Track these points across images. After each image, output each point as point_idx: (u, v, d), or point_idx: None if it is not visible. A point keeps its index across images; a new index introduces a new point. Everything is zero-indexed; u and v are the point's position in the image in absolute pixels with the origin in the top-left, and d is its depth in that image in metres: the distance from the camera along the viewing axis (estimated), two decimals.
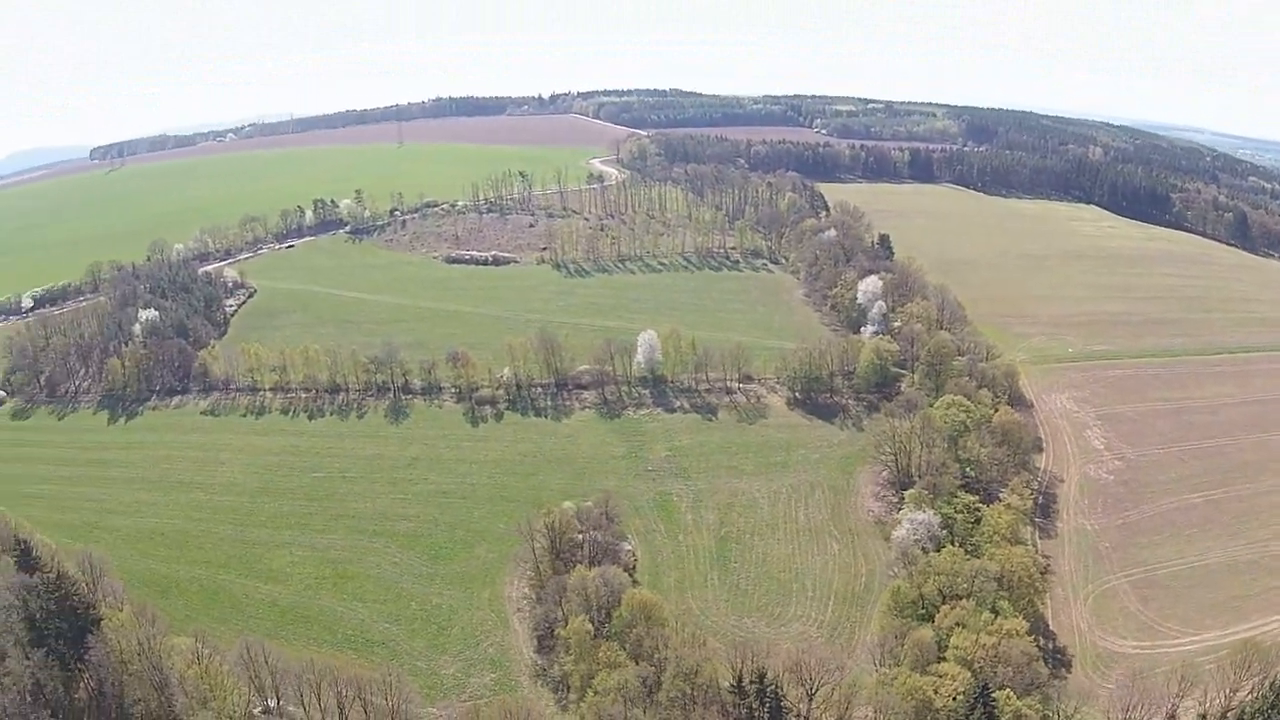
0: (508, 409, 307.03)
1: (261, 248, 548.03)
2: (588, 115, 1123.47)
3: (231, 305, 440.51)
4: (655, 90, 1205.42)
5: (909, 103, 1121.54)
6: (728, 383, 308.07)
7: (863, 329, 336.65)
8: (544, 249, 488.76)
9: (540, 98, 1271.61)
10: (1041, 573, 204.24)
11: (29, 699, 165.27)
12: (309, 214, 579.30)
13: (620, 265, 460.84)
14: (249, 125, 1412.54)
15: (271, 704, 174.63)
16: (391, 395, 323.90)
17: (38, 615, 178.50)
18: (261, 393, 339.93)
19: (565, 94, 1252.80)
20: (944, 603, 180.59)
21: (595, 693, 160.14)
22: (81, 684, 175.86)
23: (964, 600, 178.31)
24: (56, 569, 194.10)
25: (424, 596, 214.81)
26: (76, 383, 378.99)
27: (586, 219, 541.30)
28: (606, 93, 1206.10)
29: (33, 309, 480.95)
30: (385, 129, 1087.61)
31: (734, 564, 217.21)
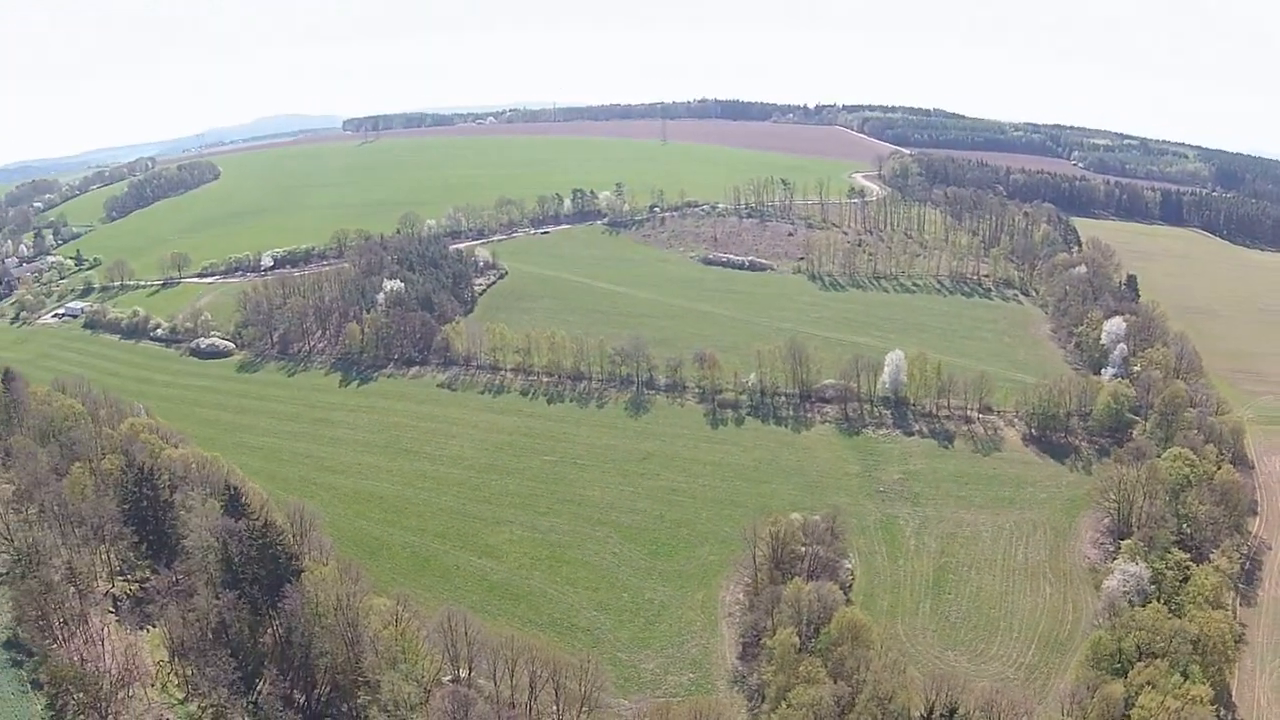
0: (749, 414, 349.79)
1: (516, 231, 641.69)
2: (851, 129, 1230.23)
3: (480, 284, 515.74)
4: (919, 109, 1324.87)
5: (1163, 141, 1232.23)
6: (967, 411, 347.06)
7: (1103, 370, 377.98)
8: (801, 259, 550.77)
9: (805, 107, 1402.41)
10: (1235, 641, 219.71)
11: (210, 636, 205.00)
12: (567, 202, 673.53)
13: (874, 282, 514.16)
14: (510, 110, 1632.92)
15: (462, 674, 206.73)
16: (634, 389, 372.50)
17: (236, 559, 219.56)
18: (502, 372, 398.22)
19: (831, 105, 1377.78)
20: (1139, 659, 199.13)
21: (789, 705, 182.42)
22: (269, 630, 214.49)
23: (1158, 660, 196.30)
24: (265, 518, 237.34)
25: (637, 589, 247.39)
26: (311, 343, 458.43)
27: (845, 233, 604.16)
28: (871, 107, 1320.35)
29: (272, 268, 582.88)
30: (649, 125, 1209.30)
31: (948, 595, 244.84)
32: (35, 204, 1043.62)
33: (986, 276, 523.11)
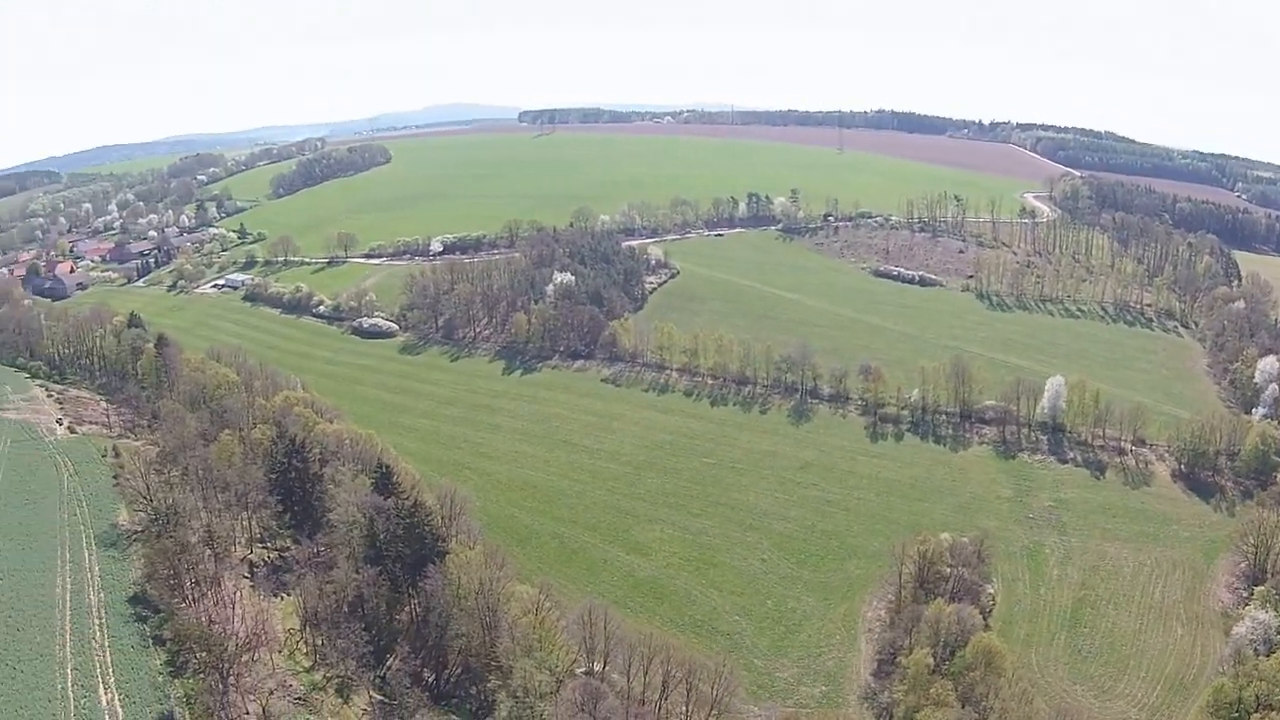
0: (909, 430, 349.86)
1: (690, 232, 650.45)
2: (1024, 147, 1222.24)
3: (651, 282, 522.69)
4: (1090, 131, 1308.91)
5: None
6: (1121, 442, 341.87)
7: (1254, 410, 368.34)
8: (970, 276, 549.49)
9: (980, 123, 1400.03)
10: None
11: (345, 609, 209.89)
12: (742, 206, 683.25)
13: (1040, 305, 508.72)
14: (688, 111, 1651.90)
15: (596, 668, 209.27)
16: (798, 397, 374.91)
17: (381, 536, 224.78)
18: (668, 371, 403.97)
19: (1005, 123, 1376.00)
20: (1256, 710, 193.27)
21: None
22: (407, 608, 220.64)
23: (1274, 713, 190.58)
24: (415, 498, 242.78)
25: (782, 597, 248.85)
26: (476, 330, 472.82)
27: (1014, 253, 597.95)
28: (1044, 127, 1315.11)
29: (441, 254, 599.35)
30: (825, 133, 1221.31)
31: (1083, 629, 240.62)
32: (199, 177, 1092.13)
33: (1149, 306, 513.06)
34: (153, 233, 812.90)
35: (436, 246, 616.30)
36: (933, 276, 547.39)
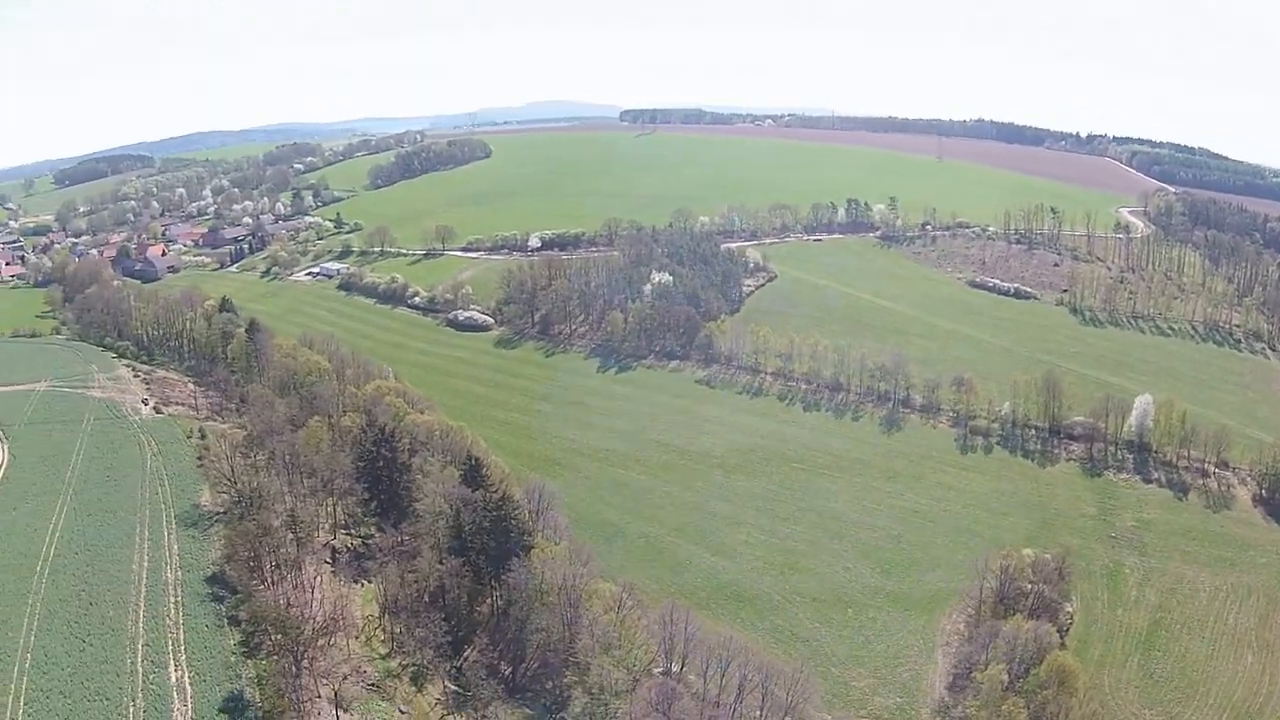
0: (998, 444, 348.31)
1: (788, 235, 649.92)
2: (1120, 161, 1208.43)
3: (749, 285, 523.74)
4: (1185, 146, 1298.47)
5: None
6: (1205, 464, 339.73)
7: None
8: (1064, 291, 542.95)
9: (1078, 135, 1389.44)
10: None
11: (426, 598, 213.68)
12: (841, 211, 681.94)
13: (1132, 322, 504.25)
14: (789, 115, 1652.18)
15: (674, 668, 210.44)
16: (890, 406, 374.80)
17: (467, 527, 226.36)
18: (762, 375, 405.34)
19: (1102, 136, 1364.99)
20: None
21: None
22: (488, 600, 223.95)
23: None
24: (503, 491, 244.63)
25: (862, 606, 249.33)
26: (572, 326, 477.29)
27: (1109, 268, 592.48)
28: (1140, 141, 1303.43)
29: (539, 249, 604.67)
30: (924, 141, 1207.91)
31: (1156, 652, 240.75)
32: (295, 165, 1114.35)
33: (1238, 326, 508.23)
34: (247, 219, 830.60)
35: (535, 242, 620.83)
36: (1027, 289, 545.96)
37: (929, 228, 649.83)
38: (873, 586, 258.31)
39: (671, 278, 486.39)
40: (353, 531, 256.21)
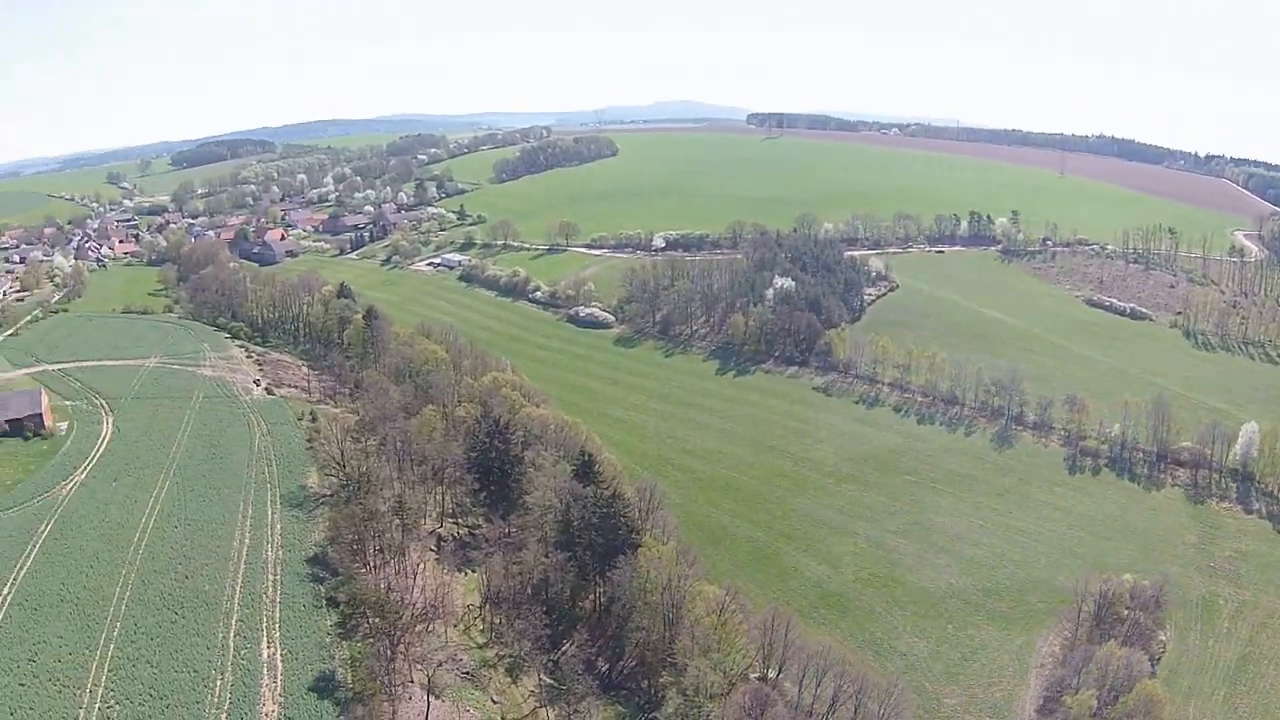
0: (1106, 466, 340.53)
1: (911, 246, 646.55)
2: (1237, 183, 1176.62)
3: (870, 294, 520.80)
4: None
5: None
6: None
7: None
8: (1178, 313, 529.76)
9: (1196, 155, 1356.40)
10: None
11: (529, 591, 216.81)
12: (964, 224, 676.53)
13: (1243, 347, 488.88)
14: (914, 124, 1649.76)
15: (770, 674, 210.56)
16: (1003, 422, 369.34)
17: (576, 523, 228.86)
18: (879, 385, 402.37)
19: (1220, 157, 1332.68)
20: None
21: None
22: (591, 596, 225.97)
23: None
24: (614, 488, 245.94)
25: (962, 623, 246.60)
26: (693, 328, 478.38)
27: (1222, 292, 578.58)
28: (1256, 163, 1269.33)
29: (663, 249, 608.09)
30: (1045, 155, 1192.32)
31: (1243, 686, 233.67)
32: (419, 156, 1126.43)
33: None
34: (369, 207, 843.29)
35: (659, 242, 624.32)
36: (1143, 310, 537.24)
37: (1049, 243, 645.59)
38: (973, 603, 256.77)
39: (794, 283, 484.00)
40: (460, 521, 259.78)
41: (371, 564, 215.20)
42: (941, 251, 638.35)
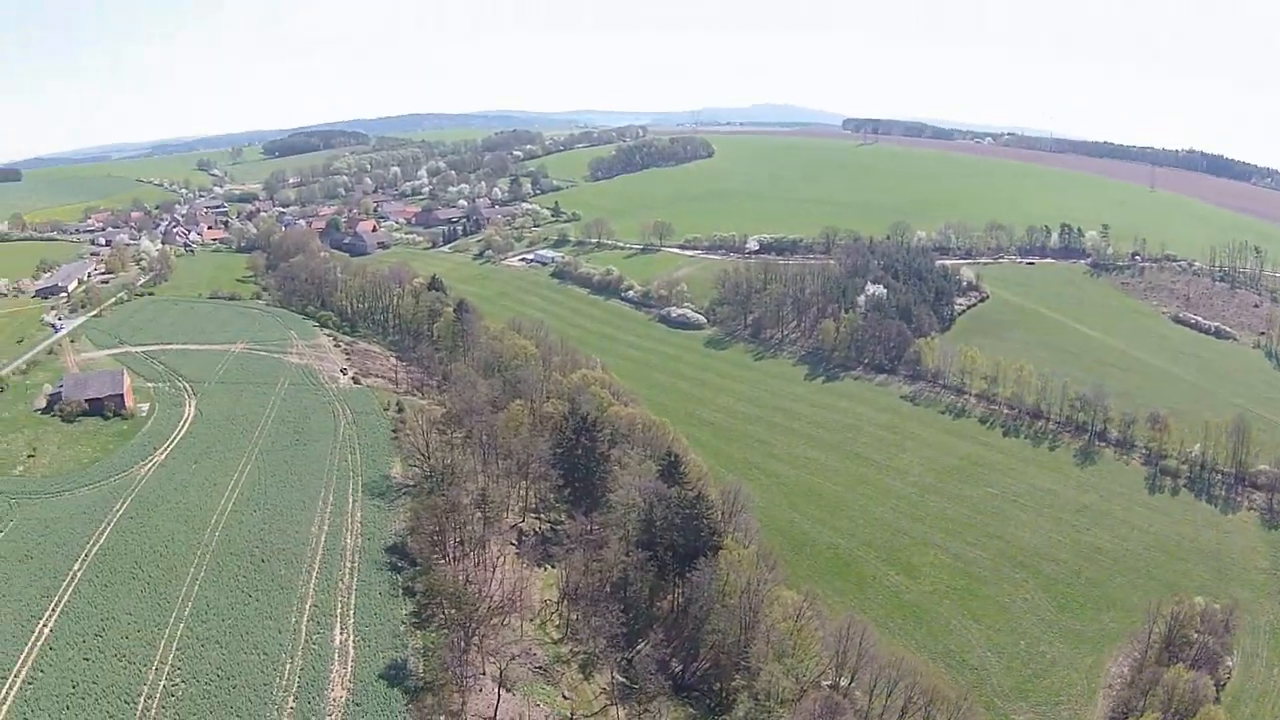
0: (1185, 486, 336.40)
1: (1002, 256, 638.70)
2: None
3: (960, 304, 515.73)
4: None
5: None
6: None
7: None
8: (1261, 333, 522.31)
9: None
10: None
11: (608, 588, 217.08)
12: (1054, 236, 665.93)
13: None
14: (1007, 134, 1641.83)
15: (842, 683, 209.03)
16: (1086, 438, 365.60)
17: (658, 522, 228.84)
18: (966, 396, 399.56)
19: None
20: None
21: None
22: (669, 596, 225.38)
23: None
24: (699, 490, 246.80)
25: (1035, 640, 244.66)
26: (784, 332, 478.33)
27: None
28: None
29: (756, 252, 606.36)
30: (1136, 169, 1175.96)
31: None
32: (514, 152, 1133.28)
33: None
34: (463, 201, 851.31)
35: (753, 245, 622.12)
36: (1227, 329, 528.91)
37: (1138, 258, 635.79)
38: (1047, 620, 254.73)
39: (886, 291, 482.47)
40: (542, 516, 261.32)
41: (451, 555, 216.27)
42: (1032, 263, 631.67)
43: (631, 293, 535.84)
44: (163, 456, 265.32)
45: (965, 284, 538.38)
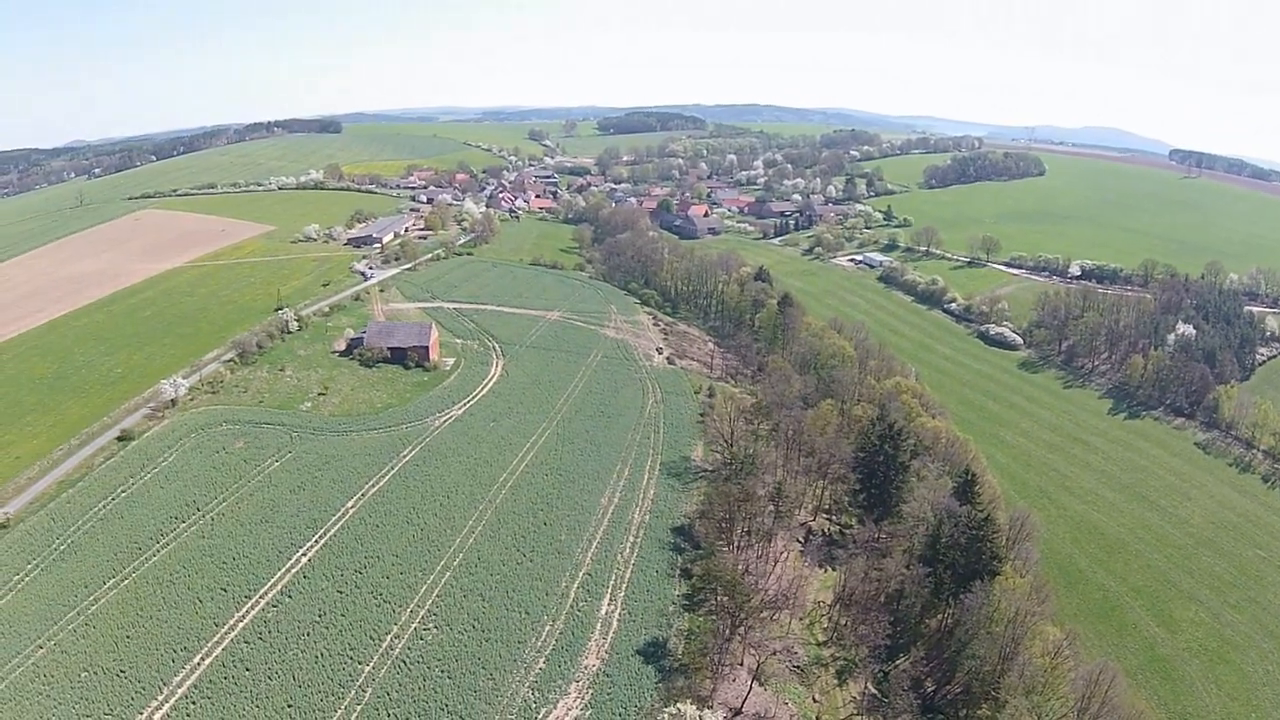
0: None
1: None
2: None
3: (1263, 354, 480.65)
4: None
5: None
6: None
7: None
8: None
9: None
10: None
11: (882, 599, 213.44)
12: None
13: None
14: None
15: None
16: None
17: (944, 540, 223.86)
18: (1254, 451, 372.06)
19: None
20: None
21: None
22: (939, 616, 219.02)
23: None
24: (989, 512, 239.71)
25: (1265, 715, 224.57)
26: (1095, 363, 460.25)
27: None
28: None
29: (1077, 278, 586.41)
30: None
31: None
32: (852, 152, 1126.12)
33: None
34: (796, 196, 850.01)
35: (1075, 270, 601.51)
36: None
37: None
38: None
39: (1195, 332, 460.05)
40: (833, 518, 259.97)
41: (735, 544, 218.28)
42: None
43: (954, 305, 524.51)
44: (460, 411, 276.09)
45: (1269, 333, 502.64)
